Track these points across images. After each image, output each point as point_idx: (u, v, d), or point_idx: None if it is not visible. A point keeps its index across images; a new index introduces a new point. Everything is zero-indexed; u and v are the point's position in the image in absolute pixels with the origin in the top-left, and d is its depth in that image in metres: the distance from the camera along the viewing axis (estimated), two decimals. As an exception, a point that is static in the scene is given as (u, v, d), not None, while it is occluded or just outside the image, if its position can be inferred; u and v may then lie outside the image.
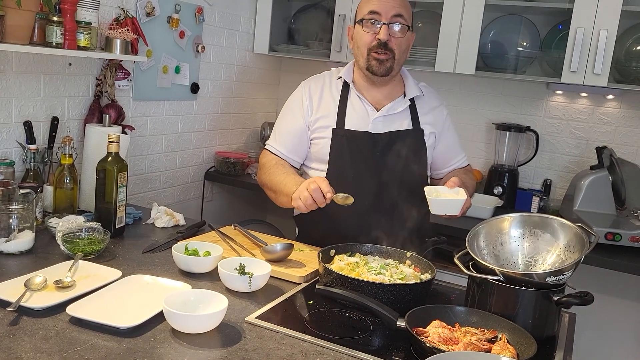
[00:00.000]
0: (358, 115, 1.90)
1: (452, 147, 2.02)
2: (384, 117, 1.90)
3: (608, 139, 2.90)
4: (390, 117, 1.90)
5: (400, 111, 1.91)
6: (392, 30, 1.81)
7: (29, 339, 1.17)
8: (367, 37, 1.83)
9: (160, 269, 1.61)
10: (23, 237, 1.64)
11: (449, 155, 2.02)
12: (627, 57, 2.70)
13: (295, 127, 1.94)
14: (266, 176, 1.92)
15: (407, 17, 1.82)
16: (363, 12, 1.84)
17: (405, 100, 1.92)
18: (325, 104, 1.93)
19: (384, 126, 1.89)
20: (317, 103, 1.93)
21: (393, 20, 1.80)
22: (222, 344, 1.23)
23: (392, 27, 1.81)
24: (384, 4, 1.79)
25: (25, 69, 2.05)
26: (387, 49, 1.82)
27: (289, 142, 1.95)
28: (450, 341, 1.24)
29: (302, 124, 1.93)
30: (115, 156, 1.80)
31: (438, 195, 1.68)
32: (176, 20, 2.66)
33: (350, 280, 1.45)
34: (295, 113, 1.95)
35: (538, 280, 1.36)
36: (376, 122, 1.89)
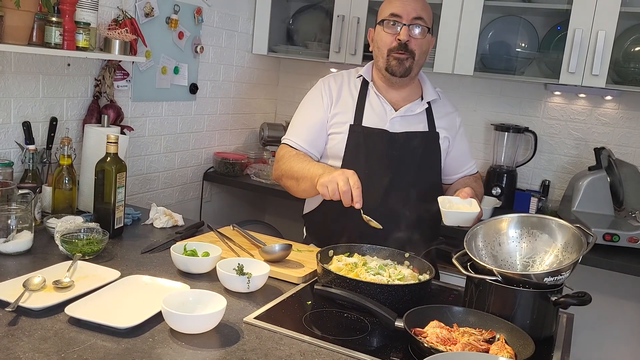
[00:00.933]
0: (376, 113, 1.90)
1: (464, 154, 2.03)
2: (402, 117, 1.90)
3: (606, 140, 2.91)
4: (407, 118, 1.90)
5: (418, 113, 1.91)
6: (412, 31, 1.82)
7: (28, 339, 1.17)
8: (388, 37, 1.84)
9: (158, 270, 1.61)
10: (22, 238, 1.63)
11: (460, 162, 2.02)
12: (625, 58, 2.70)
13: (315, 121, 1.92)
14: (285, 165, 1.87)
15: (427, 20, 1.84)
16: (384, 13, 1.85)
17: (423, 102, 1.93)
18: (343, 100, 1.93)
19: (401, 126, 1.89)
20: (336, 98, 1.93)
21: (414, 22, 1.81)
22: (221, 344, 1.23)
23: (413, 28, 1.82)
24: (405, 6, 1.81)
25: (24, 70, 2.05)
26: (407, 50, 1.82)
27: (309, 135, 1.91)
28: (449, 341, 1.24)
29: (322, 117, 1.92)
30: (114, 157, 1.80)
31: (451, 206, 1.68)
32: (175, 21, 2.66)
33: (349, 281, 1.45)
34: (316, 106, 1.94)
35: (536, 281, 1.36)
36: (394, 121, 1.89)
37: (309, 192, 1.82)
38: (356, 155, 1.86)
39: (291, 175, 1.84)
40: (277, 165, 1.93)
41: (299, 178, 1.81)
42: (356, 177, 1.62)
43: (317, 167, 1.77)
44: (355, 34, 2.99)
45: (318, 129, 1.92)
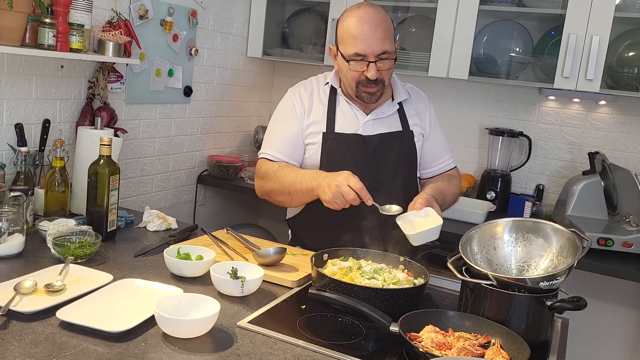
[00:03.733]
0: (348, 119, 1.91)
1: (438, 147, 2.02)
2: (374, 120, 1.91)
3: (600, 145, 2.92)
4: (379, 121, 1.91)
5: (389, 115, 1.93)
6: (379, 65, 1.79)
7: (18, 344, 1.15)
8: (355, 73, 1.81)
9: (151, 273, 1.60)
10: (13, 241, 1.62)
11: (434, 155, 2.01)
12: (619, 63, 2.72)
13: (291, 132, 1.91)
14: (273, 182, 1.86)
15: (391, 46, 1.80)
16: (347, 51, 1.79)
17: (394, 103, 1.93)
18: (315, 109, 1.92)
19: (374, 129, 1.90)
20: (308, 108, 1.92)
21: (380, 57, 1.78)
22: (214, 349, 1.22)
23: (379, 63, 1.78)
24: (370, 45, 1.76)
25: (16, 71, 2.03)
26: (376, 82, 1.81)
27: (287, 147, 1.91)
28: (444, 346, 1.24)
29: (297, 128, 1.91)
30: (107, 159, 1.79)
31: (412, 226, 1.64)
32: (170, 23, 2.66)
33: (343, 285, 1.44)
34: (290, 118, 1.93)
35: (531, 285, 1.36)
36: (366, 125, 1.90)
37: (308, 200, 1.82)
38: (332, 162, 1.85)
39: (282, 191, 1.84)
40: (262, 182, 1.91)
41: (291, 192, 1.81)
42: (356, 178, 1.65)
43: (309, 177, 1.77)
44: (350, 38, 2.98)
45: (295, 140, 1.91)
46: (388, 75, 1.84)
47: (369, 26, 1.76)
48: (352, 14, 1.80)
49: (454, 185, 1.99)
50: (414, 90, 2.02)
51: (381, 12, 1.83)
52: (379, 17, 1.79)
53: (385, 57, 1.79)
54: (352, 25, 1.78)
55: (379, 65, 1.78)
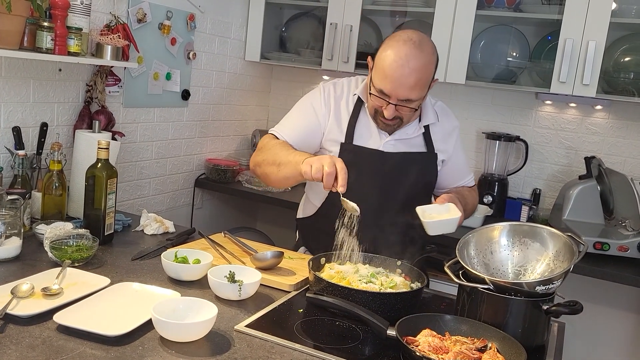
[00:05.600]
0: (369, 134, 1.85)
1: (459, 168, 2.00)
2: (396, 140, 1.85)
3: (596, 149, 2.93)
4: (402, 142, 1.86)
5: (413, 137, 1.88)
6: (399, 108, 1.73)
7: (15, 347, 1.15)
8: (376, 104, 1.76)
9: (149, 277, 1.60)
10: (10, 244, 1.62)
11: (455, 177, 1.99)
12: (616, 68, 2.73)
13: (309, 124, 1.87)
14: (267, 153, 1.80)
15: (419, 96, 1.71)
16: (375, 83, 1.73)
17: (420, 126, 1.88)
18: (339, 115, 1.87)
19: (395, 148, 1.85)
20: (334, 111, 1.87)
21: (401, 103, 1.72)
22: (211, 353, 1.22)
23: (399, 108, 1.73)
24: (394, 89, 1.68)
25: (14, 74, 2.03)
26: (393, 119, 1.76)
27: (299, 137, 1.85)
28: (441, 350, 1.24)
29: (316, 123, 1.87)
30: (105, 162, 1.79)
31: (431, 215, 1.65)
32: (168, 27, 2.66)
33: (341, 289, 1.44)
34: (310, 112, 1.88)
35: (528, 289, 1.36)
36: (387, 144, 1.85)
37: (289, 179, 1.72)
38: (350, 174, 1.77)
39: (273, 162, 1.76)
40: (257, 153, 1.86)
41: (281, 164, 1.73)
42: (343, 164, 1.57)
43: (300, 154, 1.70)
44: (348, 42, 2.99)
45: (309, 133, 1.87)
46: (410, 114, 1.77)
47: (403, 71, 1.66)
48: (395, 48, 1.69)
49: (473, 197, 2.00)
50: (443, 111, 1.95)
51: (425, 56, 1.70)
52: (418, 63, 1.67)
53: (407, 105, 1.72)
54: (389, 61, 1.68)
55: (398, 108, 1.73)
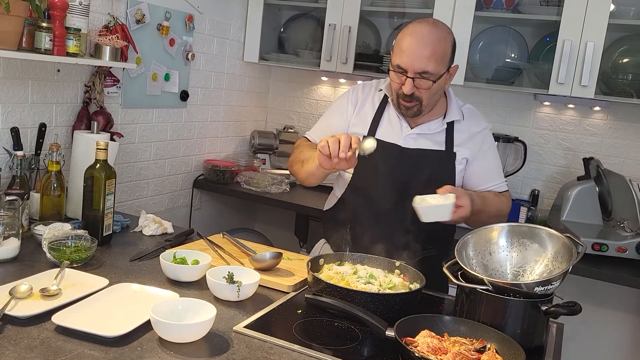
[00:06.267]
0: (392, 128, 1.90)
1: (487, 170, 1.95)
2: (418, 135, 1.88)
3: (595, 150, 2.93)
4: (424, 136, 1.89)
5: (435, 132, 1.89)
6: (417, 83, 1.77)
7: (14, 348, 1.15)
8: (395, 84, 1.82)
9: (147, 278, 1.60)
10: (8, 245, 1.61)
11: (482, 179, 1.94)
12: (614, 69, 2.74)
13: (336, 126, 1.97)
14: (297, 151, 1.99)
15: (436, 69, 1.75)
16: (393, 59, 1.79)
17: (443, 122, 1.90)
18: (364, 112, 1.96)
19: (415, 143, 1.88)
20: (359, 109, 1.97)
21: (418, 76, 1.76)
22: (210, 354, 1.22)
23: (417, 81, 1.77)
24: (411, 60, 1.74)
25: (13, 75, 2.03)
26: (413, 98, 1.79)
27: (326, 135, 1.93)
28: (439, 351, 1.24)
29: (342, 124, 1.98)
30: (104, 163, 1.79)
31: (427, 200, 1.65)
32: (166, 27, 2.66)
33: (339, 290, 1.44)
34: (339, 113, 2.00)
35: (526, 290, 1.37)
36: (408, 138, 1.88)
37: (313, 174, 1.84)
38: (367, 166, 1.86)
39: (299, 160, 1.92)
40: (292, 154, 2.03)
41: (305, 160, 1.87)
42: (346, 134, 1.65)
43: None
44: (347, 43, 3.00)
45: (335, 132, 1.90)
46: (428, 95, 1.79)
47: (418, 43, 1.74)
48: (410, 27, 1.79)
49: (499, 201, 1.92)
50: (471, 112, 1.97)
51: (440, 32, 1.78)
52: (433, 36, 1.75)
53: (424, 77, 1.75)
54: (404, 37, 1.77)
55: (417, 82, 1.76)
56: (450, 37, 1.81)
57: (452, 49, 1.81)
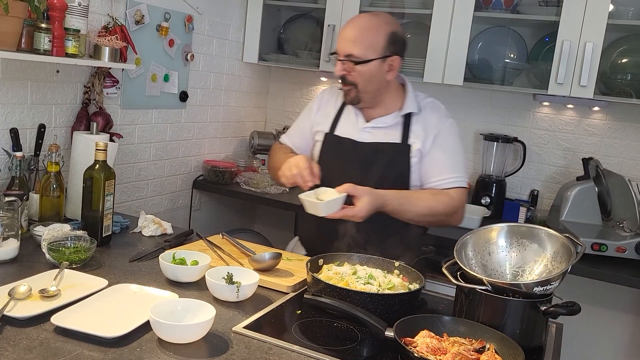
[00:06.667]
0: (349, 124, 1.98)
1: (434, 165, 1.91)
2: (373, 128, 1.94)
3: (594, 150, 2.93)
4: (379, 129, 1.93)
5: (391, 125, 1.92)
6: (346, 66, 1.86)
7: (13, 349, 1.15)
8: (335, 70, 1.91)
9: (147, 278, 1.60)
10: (8, 246, 1.61)
11: (428, 173, 1.91)
12: (613, 69, 2.74)
13: (304, 127, 2.11)
14: (272, 159, 2.11)
15: (359, 54, 1.83)
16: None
17: (398, 115, 1.92)
18: (327, 111, 2.05)
19: (371, 137, 1.93)
20: (323, 109, 2.07)
21: (345, 59, 1.86)
22: (209, 354, 1.22)
23: (346, 64, 1.86)
24: (341, 44, 1.87)
25: (12, 76, 2.03)
26: (346, 82, 1.88)
27: (297, 139, 2.13)
28: (439, 351, 1.24)
29: (309, 125, 2.09)
30: (103, 164, 1.79)
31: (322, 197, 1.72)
32: (166, 28, 2.66)
33: (339, 290, 1.44)
34: (307, 114, 2.13)
35: (526, 290, 1.37)
36: (364, 132, 1.93)
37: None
38: (328, 163, 1.94)
39: (274, 167, 2.02)
40: (270, 158, 2.17)
41: (276, 168, 1.95)
42: (304, 160, 1.79)
43: (287, 160, 1.86)
44: (346, 44, 2.99)
45: (305, 134, 2.11)
46: (361, 80, 1.86)
47: (348, 28, 1.87)
48: (353, 17, 1.95)
49: (434, 200, 1.85)
50: (432, 106, 1.97)
51: (375, 20, 1.87)
52: (364, 23, 1.86)
53: (350, 59, 1.84)
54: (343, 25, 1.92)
55: (346, 65, 1.86)
56: (387, 27, 1.86)
57: (389, 39, 1.86)
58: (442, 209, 1.85)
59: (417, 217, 1.85)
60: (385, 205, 1.75)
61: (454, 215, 1.89)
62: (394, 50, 1.88)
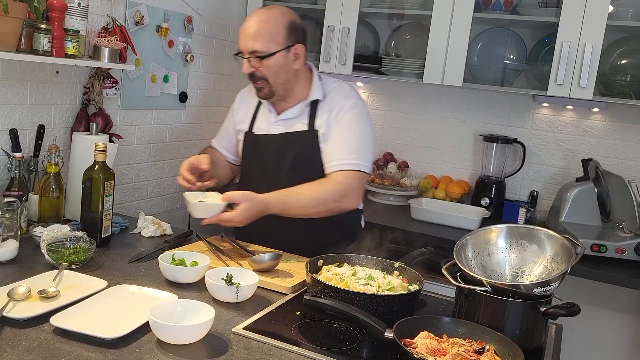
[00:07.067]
0: (264, 119, 2.04)
1: (331, 148, 1.91)
2: (283, 120, 1.99)
3: (593, 151, 2.93)
4: (289, 121, 1.98)
5: (299, 115, 1.97)
6: (253, 63, 1.88)
7: (12, 350, 1.15)
8: (242, 69, 1.93)
9: (146, 279, 1.59)
10: (7, 246, 1.61)
11: (327, 156, 1.92)
12: (612, 70, 2.74)
13: (227, 128, 2.19)
14: None
15: (263, 48, 1.86)
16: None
17: (304, 104, 1.97)
18: (246, 110, 2.11)
19: (282, 129, 1.99)
20: (243, 108, 2.13)
21: (250, 56, 1.88)
22: (209, 355, 1.21)
23: (253, 61, 1.88)
24: (242, 41, 1.89)
25: (11, 77, 2.03)
26: (256, 79, 1.91)
27: (222, 141, 2.20)
28: (438, 352, 1.24)
29: (230, 125, 2.16)
30: (102, 165, 1.79)
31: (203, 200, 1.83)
32: (165, 29, 2.66)
33: (338, 291, 1.44)
34: (230, 115, 2.19)
35: (525, 291, 1.37)
36: (275, 125, 2.00)
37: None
38: (248, 160, 2.06)
39: None
40: None
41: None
42: (186, 163, 1.90)
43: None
44: (346, 45, 3.00)
45: (229, 135, 2.18)
46: (270, 73, 1.89)
47: (245, 25, 1.89)
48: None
49: (318, 189, 1.84)
50: (338, 90, 1.99)
51: (270, 13, 1.90)
52: (259, 17, 1.88)
53: (254, 56, 1.87)
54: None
55: (252, 62, 1.88)
56: (284, 18, 1.90)
57: (288, 29, 1.89)
58: (329, 196, 1.84)
59: (306, 211, 1.83)
60: (267, 208, 1.79)
61: (344, 200, 1.86)
62: (296, 39, 1.91)
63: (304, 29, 1.97)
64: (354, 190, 1.89)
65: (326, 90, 1.99)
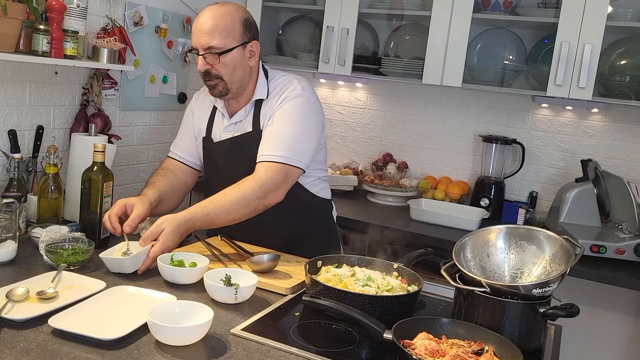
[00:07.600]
0: (219, 124, 2.00)
1: (265, 136, 1.87)
2: (232, 125, 1.96)
3: (593, 152, 2.93)
4: (238, 125, 1.95)
5: (245, 117, 1.95)
6: (208, 60, 1.82)
7: (10, 352, 1.15)
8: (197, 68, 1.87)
9: (145, 280, 1.59)
10: (5, 247, 1.61)
11: (260, 145, 1.87)
12: (612, 71, 2.74)
13: (187, 133, 2.07)
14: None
15: (220, 45, 1.80)
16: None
17: (250, 105, 1.93)
18: (202, 115, 2.04)
19: (232, 133, 1.96)
20: (198, 112, 2.06)
21: (206, 52, 1.82)
22: (208, 356, 1.21)
23: (209, 57, 1.82)
24: (196, 37, 1.83)
25: (10, 77, 2.03)
26: (211, 77, 1.85)
27: (184, 147, 2.08)
28: (437, 353, 1.24)
29: (190, 130, 2.07)
30: (101, 166, 1.79)
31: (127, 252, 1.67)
32: (164, 30, 2.66)
33: (337, 292, 1.44)
34: (187, 120, 2.09)
35: (524, 292, 1.36)
36: (227, 130, 1.96)
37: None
38: (207, 167, 2.02)
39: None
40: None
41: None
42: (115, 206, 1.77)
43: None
44: (345, 45, 3.00)
45: (188, 140, 2.07)
46: (226, 71, 1.84)
47: (200, 21, 1.83)
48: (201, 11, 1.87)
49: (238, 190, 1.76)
50: (282, 85, 1.94)
51: (225, 9, 1.84)
52: (214, 13, 1.82)
53: (210, 52, 1.81)
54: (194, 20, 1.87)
55: (208, 59, 1.82)
56: (239, 14, 1.85)
57: (244, 25, 1.85)
58: (251, 195, 1.76)
59: (232, 215, 1.76)
60: (190, 223, 1.71)
61: (268, 196, 1.78)
62: (252, 35, 1.88)
63: (257, 26, 1.93)
64: (277, 184, 1.79)
65: (271, 87, 1.95)
